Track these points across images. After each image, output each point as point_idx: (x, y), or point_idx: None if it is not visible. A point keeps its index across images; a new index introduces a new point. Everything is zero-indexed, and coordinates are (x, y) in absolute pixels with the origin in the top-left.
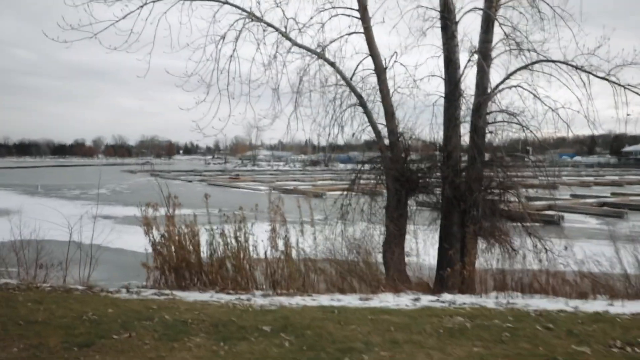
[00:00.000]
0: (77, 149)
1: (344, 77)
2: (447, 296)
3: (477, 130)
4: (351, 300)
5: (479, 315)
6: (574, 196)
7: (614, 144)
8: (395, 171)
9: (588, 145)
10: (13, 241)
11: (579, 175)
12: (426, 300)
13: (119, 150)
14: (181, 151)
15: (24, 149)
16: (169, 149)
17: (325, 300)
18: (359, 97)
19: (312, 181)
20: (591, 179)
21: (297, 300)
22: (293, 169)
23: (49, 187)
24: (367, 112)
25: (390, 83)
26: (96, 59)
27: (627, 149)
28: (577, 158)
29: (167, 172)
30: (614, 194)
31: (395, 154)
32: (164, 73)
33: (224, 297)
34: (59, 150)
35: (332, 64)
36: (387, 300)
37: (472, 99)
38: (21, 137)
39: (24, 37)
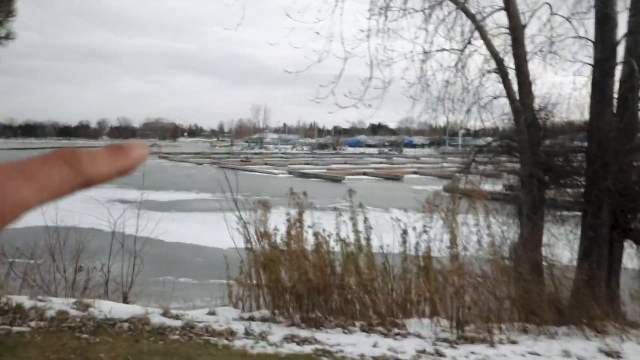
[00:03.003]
0: (82, 131)
1: (484, 37)
2: None
3: (628, 105)
4: (592, 352)
5: None
6: None
7: None
8: (535, 156)
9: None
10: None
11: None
12: None
13: (124, 132)
14: (185, 133)
15: (29, 130)
16: (174, 131)
17: (553, 350)
18: (499, 62)
19: (324, 165)
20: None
21: (512, 354)
22: (301, 152)
23: None
24: (507, 82)
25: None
26: (101, 41)
27: None
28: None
29: (175, 154)
30: None
31: (532, 135)
32: (167, 57)
33: (399, 348)
34: (64, 131)
35: (472, 17)
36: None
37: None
38: (26, 118)
39: (28, 19)
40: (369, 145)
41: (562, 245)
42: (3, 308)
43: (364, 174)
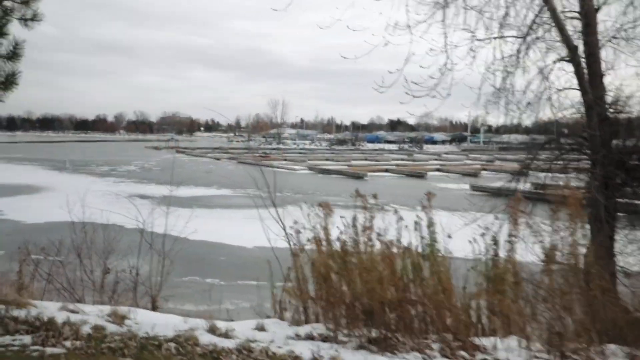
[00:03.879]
0: (99, 125)
1: (555, 19)
2: None
3: None
4: None
5: None
6: None
7: None
8: (611, 154)
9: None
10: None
11: None
12: None
13: (141, 126)
14: (202, 128)
15: (47, 123)
16: (190, 126)
17: None
18: (572, 48)
19: (344, 161)
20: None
21: None
22: (319, 147)
23: (76, 162)
24: (579, 72)
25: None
26: (119, 34)
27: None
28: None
29: (192, 149)
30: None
31: (605, 131)
32: (183, 50)
33: None
34: (81, 125)
35: None
36: None
37: None
38: (44, 111)
39: (46, 12)
40: (388, 142)
41: (631, 251)
42: (33, 323)
43: (386, 170)
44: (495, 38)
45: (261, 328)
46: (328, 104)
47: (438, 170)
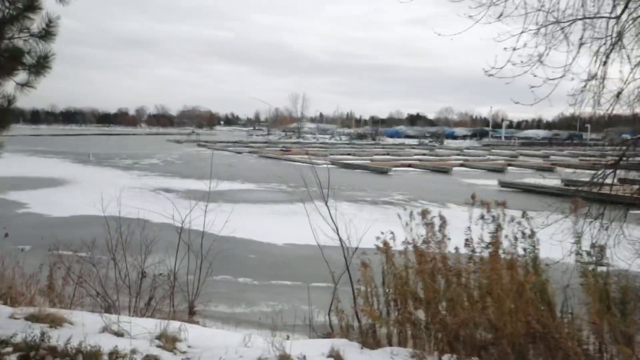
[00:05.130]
0: (120, 118)
1: None
2: None
3: None
4: None
5: None
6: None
7: None
8: None
9: None
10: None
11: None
12: None
13: (161, 119)
14: (222, 122)
15: (70, 117)
16: (210, 120)
17: None
18: None
19: (366, 155)
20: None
21: None
22: (339, 142)
23: (99, 155)
24: None
25: None
26: (141, 29)
27: None
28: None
29: (213, 142)
30: None
31: None
32: (204, 44)
33: None
34: (104, 118)
35: None
36: None
37: None
38: (67, 105)
39: (70, 6)
40: (408, 136)
41: None
42: (75, 357)
43: (410, 165)
44: (581, 19)
45: (336, 355)
46: (347, 98)
47: (462, 165)
